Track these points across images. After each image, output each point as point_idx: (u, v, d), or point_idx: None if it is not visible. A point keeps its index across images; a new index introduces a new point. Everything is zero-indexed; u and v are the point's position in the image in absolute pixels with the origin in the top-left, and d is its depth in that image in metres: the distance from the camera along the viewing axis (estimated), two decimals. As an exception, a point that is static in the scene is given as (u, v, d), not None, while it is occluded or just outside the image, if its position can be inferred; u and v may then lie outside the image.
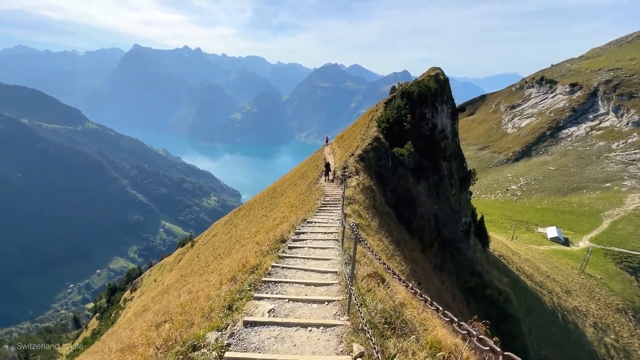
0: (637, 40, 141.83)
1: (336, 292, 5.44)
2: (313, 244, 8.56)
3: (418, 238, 17.54)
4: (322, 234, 9.58)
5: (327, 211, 13.18)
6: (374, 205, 13.97)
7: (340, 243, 7.41)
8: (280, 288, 5.59)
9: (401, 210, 17.24)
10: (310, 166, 28.83)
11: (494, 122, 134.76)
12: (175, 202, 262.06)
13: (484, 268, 25.87)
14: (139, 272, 67.70)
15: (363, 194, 14.30)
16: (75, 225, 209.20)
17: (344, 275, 5.54)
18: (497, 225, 71.06)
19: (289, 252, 7.90)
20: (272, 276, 6.10)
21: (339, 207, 13.43)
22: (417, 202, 18.29)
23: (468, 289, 22.78)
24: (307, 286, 5.69)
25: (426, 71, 33.08)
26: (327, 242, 8.81)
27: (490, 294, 24.44)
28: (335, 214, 12.39)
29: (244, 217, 28.85)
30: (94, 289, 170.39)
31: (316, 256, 7.57)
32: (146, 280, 43.32)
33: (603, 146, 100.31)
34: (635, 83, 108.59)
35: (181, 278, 23.80)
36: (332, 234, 9.53)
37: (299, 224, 10.65)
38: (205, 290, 6.65)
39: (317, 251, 8.03)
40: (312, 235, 9.45)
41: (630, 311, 45.02)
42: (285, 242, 8.66)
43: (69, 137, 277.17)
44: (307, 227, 10.38)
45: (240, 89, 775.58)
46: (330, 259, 7.25)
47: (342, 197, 12.21)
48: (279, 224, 12.46)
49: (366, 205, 12.92)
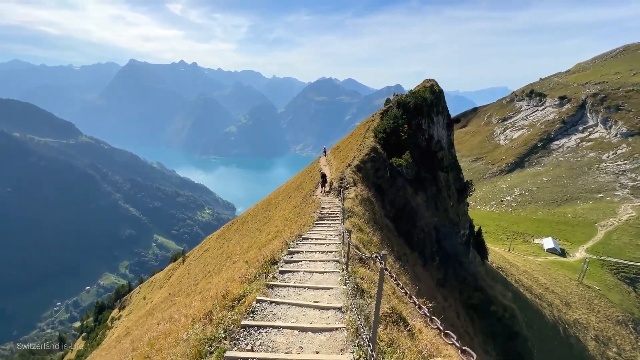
0: (621, 55, 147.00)
1: (343, 342, 4.11)
2: (309, 267, 7.47)
3: (419, 252, 16.92)
4: (320, 254, 8.52)
5: (325, 225, 12.26)
6: (373, 218, 13.32)
7: (345, 266, 6.33)
8: (264, 336, 4.28)
9: (401, 222, 16.62)
10: (306, 178, 28.33)
11: (486, 134, 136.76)
12: (169, 215, 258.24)
13: (486, 282, 25.20)
14: (128, 288, 65.54)
15: (362, 206, 13.69)
16: (65, 241, 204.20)
17: (353, 314, 4.40)
18: (494, 237, 70.82)
19: (280, 277, 6.75)
20: (256, 315, 4.88)
21: (337, 220, 12.67)
22: (417, 214, 17.82)
23: (472, 305, 21.96)
24: (303, 333, 4.40)
25: (421, 83, 33.38)
26: (326, 263, 7.71)
27: (495, 310, 23.53)
28: (334, 229, 11.46)
29: (236, 231, 27.86)
30: (82, 307, 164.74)
31: (314, 284, 6.41)
32: (135, 298, 41.64)
33: (594, 157, 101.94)
34: (621, 96, 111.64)
35: (169, 297, 22.74)
36: (332, 254, 8.46)
37: (293, 241, 9.66)
38: (182, 321, 5.83)
39: (314, 276, 6.85)
40: (308, 256, 8.37)
41: (631, 323, 44.44)
42: (276, 263, 7.60)
43: (61, 150, 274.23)
44: (303, 245, 9.36)
45: (235, 103, 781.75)
46: (332, 288, 6.01)
47: (341, 211, 11.22)
48: (273, 239, 11.62)
49: (366, 219, 12.23)
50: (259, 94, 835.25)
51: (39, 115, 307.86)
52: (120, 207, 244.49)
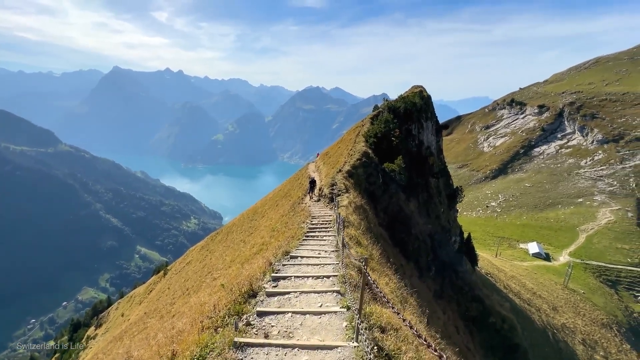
0: (593, 67, 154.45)
1: None
2: (300, 302, 5.59)
3: (414, 262, 16.34)
4: (314, 279, 6.65)
5: (316, 238, 10.72)
6: (369, 228, 12.42)
7: (357, 313, 4.23)
8: None
9: (395, 231, 16.07)
10: (294, 185, 27.55)
11: (470, 141, 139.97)
12: (153, 225, 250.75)
13: (483, 292, 24.90)
14: (107, 304, 62.36)
15: (357, 215, 12.70)
16: (41, 254, 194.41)
17: None
18: (481, 243, 71.55)
19: (257, 324, 4.84)
20: None
21: (329, 231, 11.36)
22: (412, 221, 17.34)
23: (470, 317, 21.45)
24: None
25: (409, 89, 33.59)
26: (323, 296, 5.77)
27: (493, 321, 23.04)
28: (327, 242, 9.99)
29: (220, 243, 26.49)
30: (58, 324, 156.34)
31: (307, 334, 4.49)
32: (113, 315, 39.28)
33: (573, 163, 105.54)
34: (596, 105, 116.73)
35: (144, 317, 21.28)
36: (330, 280, 6.63)
37: (278, 260, 8.06)
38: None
39: (308, 321, 4.92)
40: (298, 283, 6.52)
41: (615, 325, 45.30)
42: (255, 296, 5.88)
43: (39, 159, 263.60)
44: (291, 267, 7.66)
45: (222, 111, 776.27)
46: (336, 348, 4.12)
47: (340, 222, 9.37)
48: (257, 253, 10.53)
49: (363, 229, 11.20)
50: (247, 102, 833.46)
51: (15, 123, 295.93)
52: (102, 217, 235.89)
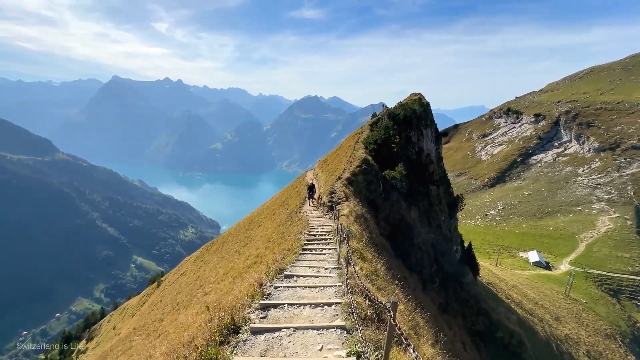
0: (587, 76, 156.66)
1: None
2: (294, 345, 4.22)
3: (417, 273, 15.74)
4: (311, 308, 5.29)
5: (315, 252, 9.71)
6: (371, 238, 11.65)
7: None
8: None
9: (396, 240, 15.52)
10: (292, 193, 27.08)
11: (468, 149, 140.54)
12: (150, 235, 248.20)
13: (489, 304, 24.17)
14: (100, 315, 60.89)
15: (358, 225, 12.00)
16: (35, 264, 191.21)
17: None
18: (481, 251, 70.94)
19: None
20: None
21: (329, 243, 10.43)
22: (414, 230, 16.85)
23: (477, 331, 20.62)
24: None
25: (408, 96, 33.57)
26: (323, 334, 4.42)
27: (501, 336, 22.12)
28: (328, 257, 9.06)
29: (215, 253, 25.68)
30: (51, 335, 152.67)
31: None
32: (105, 328, 38.01)
33: (570, 171, 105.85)
34: (591, 113, 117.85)
35: (132, 334, 20.42)
36: (331, 308, 5.26)
37: (271, 280, 6.81)
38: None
39: None
40: (292, 313, 5.17)
41: (619, 336, 44.54)
42: (238, 331, 4.66)
43: (36, 168, 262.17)
44: (284, 290, 6.28)
45: (221, 120, 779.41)
46: None
47: (339, 234, 8.15)
48: (251, 266, 9.81)
49: (365, 241, 10.37)
50: (245, 111, 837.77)
51: (13, 131, 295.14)
52: (98, 226, 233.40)
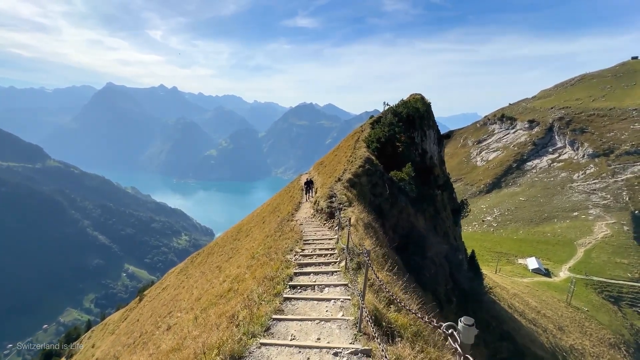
0: (578, 83, 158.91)
1: None
2: None
3: (431, 292, 13.72)
4: None
5: (312, 288, 6.07)
6: (383, 255, 8.66)
7: None
8: None
9: (407, 253, 13.52)
10: (285, 198, 25.36)
11: (463, 155, 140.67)
12: (142, 243, 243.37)
13: (511, 325, 22.21)
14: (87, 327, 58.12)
15: (369, 238, 9.24)
16: (23, 274, 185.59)
17: None
18: (479, 258, 69.57)
19: None
20: None
21: (330, 265, 7.21)
22: (426, 242, 15.09)
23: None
24: None
25: (409, 96, 32.46)
26: None
27: None
28: (333, 296, 5.64)
29: (199, 266, 23.76)
30: (37, 349, 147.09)
31: None
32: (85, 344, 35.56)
33: (565, 177, 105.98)
34: (584, 120, 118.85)
35: (107, 354, 18.19)
36: None
37: (244, 351, 4.09)
38: None
39: None
40: None
41: (623, 345, 43.42)
42: None
43: (26, 175, 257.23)
44: None
45: (216, 127, 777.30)
46: None
47: (346, 258, 5.89)
48: (226, 293, 7.70)
49: (379, 259, 7.77)
50: (240, 118, 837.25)
51: (2, 138, 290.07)
52: (89, 234, 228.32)
